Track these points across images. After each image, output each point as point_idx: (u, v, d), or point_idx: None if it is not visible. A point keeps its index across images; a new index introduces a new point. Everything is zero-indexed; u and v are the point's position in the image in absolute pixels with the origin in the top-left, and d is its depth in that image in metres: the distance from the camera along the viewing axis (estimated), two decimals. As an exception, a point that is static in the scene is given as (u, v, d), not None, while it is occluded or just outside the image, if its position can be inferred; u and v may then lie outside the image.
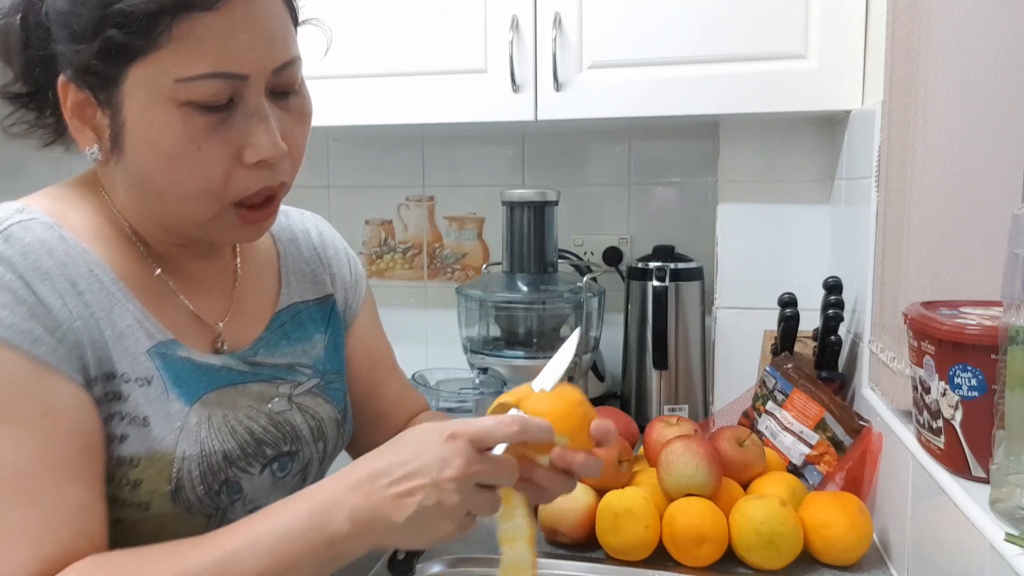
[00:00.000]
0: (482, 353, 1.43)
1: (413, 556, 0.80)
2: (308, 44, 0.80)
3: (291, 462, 0.79)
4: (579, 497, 1.01)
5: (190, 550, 0.64)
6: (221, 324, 0.79)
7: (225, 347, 0.78)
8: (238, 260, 0.85)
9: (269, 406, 0.79)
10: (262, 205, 0.72)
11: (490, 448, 0.66)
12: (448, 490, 0.62)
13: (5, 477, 0.62)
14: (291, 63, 0.70)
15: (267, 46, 0.67)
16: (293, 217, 0.94)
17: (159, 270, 0.76)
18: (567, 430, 0.68)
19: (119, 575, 0.63)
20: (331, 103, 1.41)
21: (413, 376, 1.31)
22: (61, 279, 0.67)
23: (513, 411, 0.69)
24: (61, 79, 0.67)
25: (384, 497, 0.63)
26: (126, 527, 0.69)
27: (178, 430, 0.70)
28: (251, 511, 0.74)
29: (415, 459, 0.64)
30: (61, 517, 0.63)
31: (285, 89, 0.71)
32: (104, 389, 0.68)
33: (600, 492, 1.02)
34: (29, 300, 0.64)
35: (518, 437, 0.65)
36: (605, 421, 0.70)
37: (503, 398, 0.72)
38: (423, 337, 1.81)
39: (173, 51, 0.63)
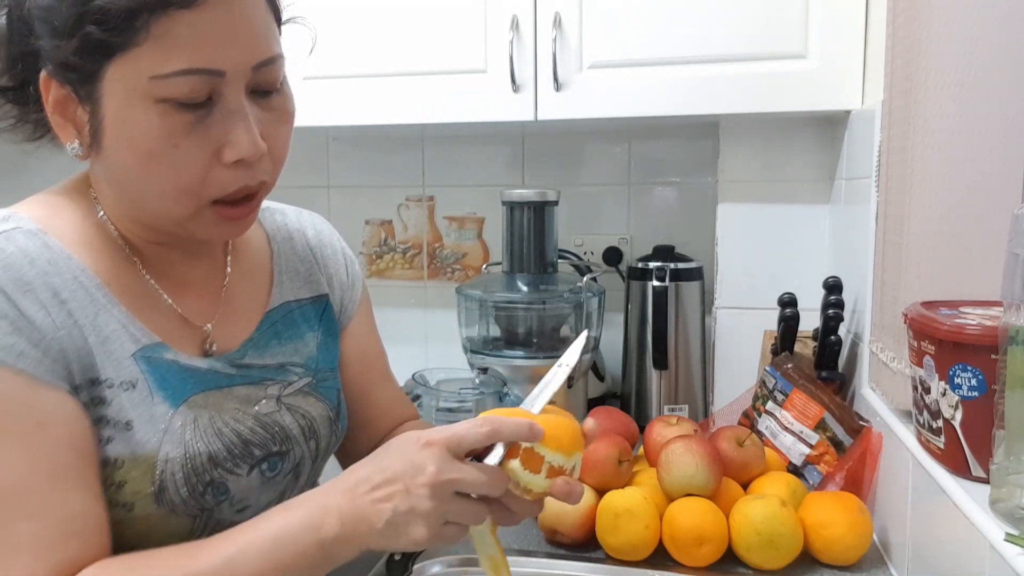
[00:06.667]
0: (482, 353, 1.43)
1: (410, 557, 0.81)
2: (297, 45, 0.79)
3: (281, 462, 0.79)
4: (579, 497, 1.01)
5: (194, 554, 0.66)
6: (209, 326, 0.79)
7: (214, 348, 0.78)
8: (228, 260, 0.84)
9: (256, 408, 0.78)
10: (241, 202, 0.72)
11: (467, 454, 0.66)
12: (420, 496, 0.63)
13: (3, 492, 0.63)
14: (272, 60, 0.69)
15: (246, 43, 0.67)
16: (290, 216, 0.94)
17: (146, 273, 0.76)
18: (563, 447, 0.67)
19: None
20: (331, 103, 1.41)
21: (413, 376, 1.31)
22: (43, 289, 0.67)
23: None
24: (43, 74, 0.68)
25: (365, 502, 0.65)
26: (111, 527, 0.70)
27: (162, 432, 0.71)
28: (239, 511, 0.75)
29: (392, 466, 0.66)
30: (66, 525, 0.64)
31: (267, 88, 0.70)
32: (89, 395, 0.68)
33: (600, 492, 1.02)
34: (11, 314, 0.64)
35: (491, 438, 0.66)
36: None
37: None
38: (423, 337, 1.81)
39: (151, 48, 0.63)
